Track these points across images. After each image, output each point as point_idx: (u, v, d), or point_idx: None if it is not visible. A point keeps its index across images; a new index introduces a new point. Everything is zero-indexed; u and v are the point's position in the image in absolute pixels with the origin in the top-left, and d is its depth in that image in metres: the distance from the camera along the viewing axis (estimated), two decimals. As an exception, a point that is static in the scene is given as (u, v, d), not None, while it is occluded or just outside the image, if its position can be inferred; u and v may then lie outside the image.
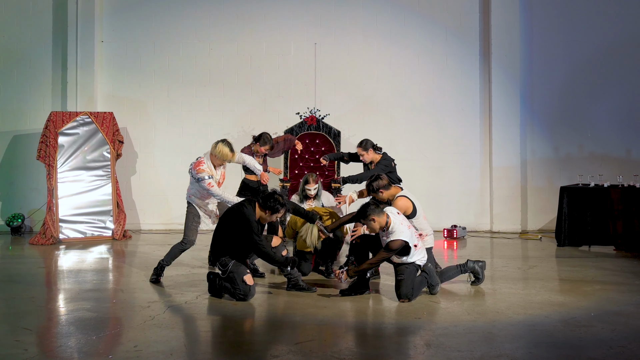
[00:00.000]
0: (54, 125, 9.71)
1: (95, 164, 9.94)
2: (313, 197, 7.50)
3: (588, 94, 10.63)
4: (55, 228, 9.53)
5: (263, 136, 7.96)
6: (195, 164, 6.64)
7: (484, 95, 10.69)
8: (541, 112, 10.68)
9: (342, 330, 5.20)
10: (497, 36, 10.52)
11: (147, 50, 10.81)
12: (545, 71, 10.66)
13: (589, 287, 6.54)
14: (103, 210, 9.90)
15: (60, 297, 6.30)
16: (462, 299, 6.04)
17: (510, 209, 10.51)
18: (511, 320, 5.31)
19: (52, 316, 5.60)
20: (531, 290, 6.41)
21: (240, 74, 10.80)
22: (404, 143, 10.58)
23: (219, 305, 5.84)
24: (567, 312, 5.56)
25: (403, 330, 5.15)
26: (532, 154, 10.67)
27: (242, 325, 5.37)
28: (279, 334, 5.08)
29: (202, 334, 5.10)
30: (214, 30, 10.80)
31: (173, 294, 6.26)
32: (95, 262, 8.17)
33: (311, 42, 10.73)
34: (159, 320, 5.30)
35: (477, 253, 8.57)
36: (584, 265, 7.68)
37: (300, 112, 10.04)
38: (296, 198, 7.59)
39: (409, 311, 5.61)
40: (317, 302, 5.91)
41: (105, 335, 4.94)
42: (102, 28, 10.76)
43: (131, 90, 10.81)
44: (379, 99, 10.76)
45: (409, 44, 10.75)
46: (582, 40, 10.61)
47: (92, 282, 6.83)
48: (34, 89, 10.77)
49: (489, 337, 4.90)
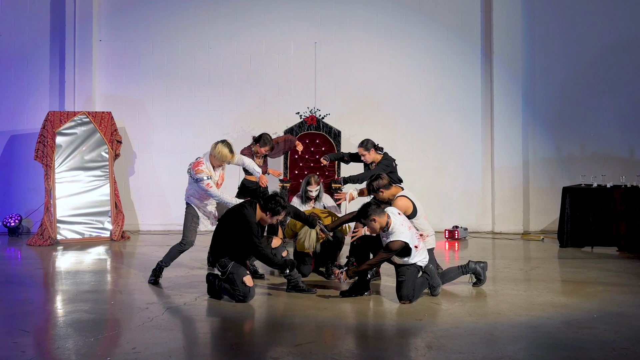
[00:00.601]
0: (51, 125, 9.71)
1: (93, 164, 9.94)
2: (314, 198, 7.51)
3: (591, 94, 10.63)
4: (52, 229, 9.53)
5: (263, 137, 7.96)
6: (194, 164, 6.64)
7: (485, 94, 10.69)
8: (543, 111, 10.69)
9: (343, 331, 5.20)
10: (498, 35, 10.52)
11: (146, 50, 10.81)
12: (548, 70, 10.66)
13: (591, 288, 6.54)
14: (101, 211, 9.90)
15: (58, 298, 6.30)
16: (464, 300, 6.04)
17: (512, 209, 10.51)
18: (513, 322, 5.31)
19: (49, 318, 5.60)
20: (533, 291, 6.41)
21: (240, 73, 10.81)
22: (405, 143, 10.58)
23: (218, 307, 5.84)
24: (569, 313, 5.56)
25: (404, 332, 5.15)
26: (534, 154, 10.67)
27: (241, 326, 5.37)
28: (278, 336, 5.08)
29: (202, 336, 5.10)
30: (213, 29, 10.80)
31: (172, 296, 6.26)
32: (94, 263, 8.17)
33: (311, 41, 10.73)
34: (157, 322, 5.30)
35: (478, 254, 8.57)
36: (586, 267, 7.68)
37: (300, 112, 10.04)
38: (297, 199, 7.59)
39: (410, 312, 5.61)
40: (317, 304, 5.92)
41: (103, 337, 4.95)
42: (100, 27, 10.76)
43: (129, 89, 10.81)
44: (379, 99, 10.76)
45: (410, 43, 10.76)
46: (584, 39, 10.60)
47: (90, 284, 6.83)
48: (32, 89, 10.77)
49: (491, 338, 4.91)
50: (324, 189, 7.77)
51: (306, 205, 7.46)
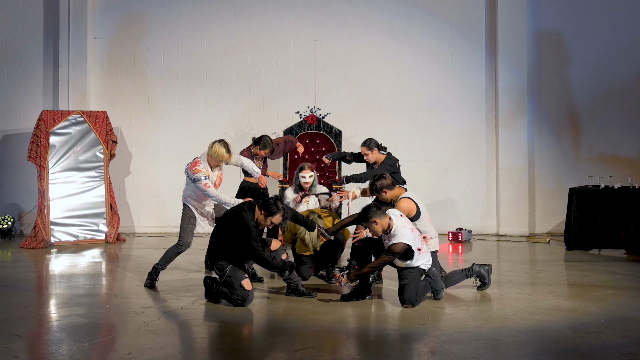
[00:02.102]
0: (45, 124, 9.71)
1: (87, 165, 9.95)
2: (309, 185, 7.50)
3: (598, 93, 10.63)
4: (46, 231, 9.53)
5: (263, 139, 7.96)
6: (192, 164, 6.65)
7: (490, 93, 10.70)
8: (549, 111, 10.68)
9: (343, 336, 5.20)
10: (503, 32, 10.52)
11: (142, 47, 10.82)
12: (554, 68, 10.66)
13: (599, 292, 6.54)
14: (96, 213, 9.91)
15: (51, 302, 6.30)
16: (468, 305, 6.04)
17: (518, 211, 10.51)
18: (518, 327, 5.31)
19: (43, 322, 5.60)
20: (539, 295, 6.41)
21: (238, 71, 10.81)
22: (407, 143, 10.58)
23: (216, 311, 5.84)
24: (576, 318, 5.56)
25: (406, 337, 5.15)
26: (540, 155, 10.67)
27: (240, 331, 5.38)
28: (277, 341, 5.08)
29: (199, 341, 5.11)
30: (211, 26, 10.80)
31: (168, 299, 6.26)
32: (88, 266, 8.17)
33: (311, 38, 10.74)
34: (153, 327, 5.30)
35: (483, 257, 8.57)
36: (593, 270, 7.68)
37: (300, 111, 10.05)
38: (290, 190, 7.61)
39: (413, 317, 5.61)
40: (317, 308, 5.92)
41: (98, 342, 4.95)
42: (94, 24, 10.76)
43: (125, 88, 10.81)
44: (381, 98, 10.77)
45: (413, 41, 10.76)
46: (591, 37, 10.60)
47: (84, 287, 6.84)
48: (25, 87, 10.78)
49: (495, 344, 4.91)
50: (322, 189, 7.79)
51: (301, 202, 7.44)
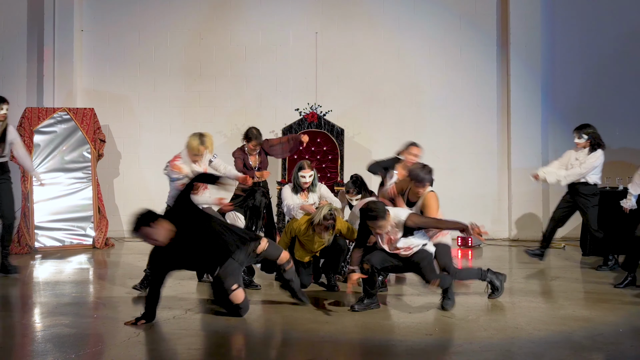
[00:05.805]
0: (29, 122, 9.72)
1: (74, 165, 9.96)
2: (308, 185, 7.36)
3: (616, 88, 10.64)
4: (30, 236, 9.54)
5: (248, 132, 8.17)
6: (172, 159, 6.79)
7: (501, 89, 10.71)
8: (564, 107, 10.69)
9: (346, 348, 5.20)
10: (516, 25, 10.53)
11: (132, 41, 10.83)
12: (569, 63, 10.67)
13: (617, 300, 6.54)
14: (83, 216, 9.91)
15: (36, 311, 6.30)
16: (478, 314, 6.05)
17: (531, 214, 10.52)
18: (531, 337, 5.31)
19: (27, 332, 5.60)
20: (554, 304, 6.42)
21: (234, 66, 10.82)
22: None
23: (211, 321, 5.84)
24: (593, 327, 5.56)
25: (412, 349, 5.15)
26: (554, 154, 10.63)
27: (235, 342, 5.38)
28: (276, 352, 5.09)
29: (192, 352, 5.10)
30: (205, 17, 10.82)
31: (160, 308, 6.26)
32: (75, 272, 8.18)
33: (312, 31, 10.75)
34: (144, 337, 5.31)
35: (494, 263, 8.57)
36: (611, 277, 7.68)
37: (300, 109, 10.06)
38: (288, 189, 7.49)
39: (420, 327, 5.61)
40: (318, 317, 5.92)
41: (85, 353, 4.95)
42: (82, 16, 10.78)
43: (114, 84, 10.83)
44: (385, 94, 10.78)
45: (419, 34, 10.77)
46: (608, 29, 10.61)
47: (71, 295, 6.84)
48: (7, 83, 10.78)
49: (507, 355, 4.91)
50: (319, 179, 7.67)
51: (298, 198, 7.32)
